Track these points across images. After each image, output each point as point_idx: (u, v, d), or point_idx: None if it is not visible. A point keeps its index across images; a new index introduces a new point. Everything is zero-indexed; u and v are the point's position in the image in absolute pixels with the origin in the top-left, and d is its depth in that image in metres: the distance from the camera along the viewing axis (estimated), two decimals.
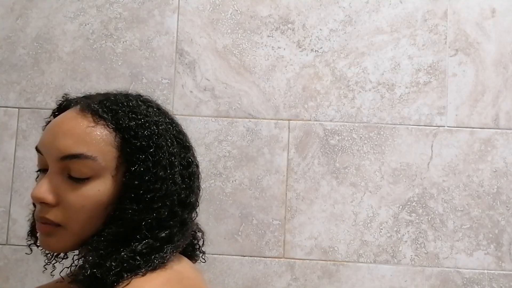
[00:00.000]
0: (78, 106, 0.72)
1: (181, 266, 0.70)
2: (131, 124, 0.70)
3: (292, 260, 1.39)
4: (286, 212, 1.41)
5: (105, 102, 0.72)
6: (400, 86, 1.44)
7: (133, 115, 0.71)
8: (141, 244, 0.67)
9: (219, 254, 1.40)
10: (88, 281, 0.65)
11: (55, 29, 1.49)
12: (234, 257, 1.40)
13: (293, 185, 1.42)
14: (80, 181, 0.67)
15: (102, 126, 0.69)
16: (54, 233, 0.68)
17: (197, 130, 1.44)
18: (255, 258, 1.40)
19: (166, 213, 0.70)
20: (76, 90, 1.47)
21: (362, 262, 1.39)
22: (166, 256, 0.68)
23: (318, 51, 1.46)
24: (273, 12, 1.48)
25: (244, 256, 1.40)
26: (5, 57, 1.49)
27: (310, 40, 1.46)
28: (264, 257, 1.40)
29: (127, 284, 0.63)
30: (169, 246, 0.69)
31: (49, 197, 0.67)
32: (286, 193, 1.41)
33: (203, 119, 1.45)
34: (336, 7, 1.47)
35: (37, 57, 1.48)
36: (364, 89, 1.44)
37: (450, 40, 1.44)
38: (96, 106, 0.70)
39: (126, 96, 0.75)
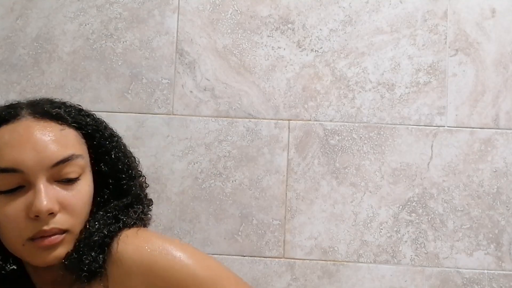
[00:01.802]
0: (28, 116, 0.72)
1: None
2: (87, 120, 0.77)
3: (292, 260, 1.39)
4: (286, 212, 1.41)
5: (52, 106, 0.75)
6: (400, 86, 1.44)
7: (81, 113, 0.78)
8: (144, 208, 0.80)
9: (219, 254, 1.40)
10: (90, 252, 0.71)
11: (55, 29, 1.49)
12: (234, 257, 1.40)
13: (293, 185, 1.42)
14: (73, 181, 0.71)
15: (67, 126, 0.74)
16: (62, 241, 0.69)
17: (197, 130, 1.44)
18: (255, 258, 1.40)
19: (144, 180, 0.84)
20: (76, 90, 1.47)
21: (362, 262, 1.39)
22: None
23: (318, 51, 1.46)
24: (273, 12, 1.48)
25: (244, 256, 1.40)
26: (5, 57, 1.49)
27: (310, 40, 1.46)
28: (264, 257, 1.40)
29: (137, 231, 0.74)
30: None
31: (56, 206, 0.68)
32: (286, 193, 1.41)
33: (203, 119, 1.45)
34: (336, 7, 1.47)
35: (37, 57, 1.48)
36: (364, 89, 1.44)
37: (450, 40, 1.44)
38: (55, 110, 0.74)
39: (54, 100, 0.80)
